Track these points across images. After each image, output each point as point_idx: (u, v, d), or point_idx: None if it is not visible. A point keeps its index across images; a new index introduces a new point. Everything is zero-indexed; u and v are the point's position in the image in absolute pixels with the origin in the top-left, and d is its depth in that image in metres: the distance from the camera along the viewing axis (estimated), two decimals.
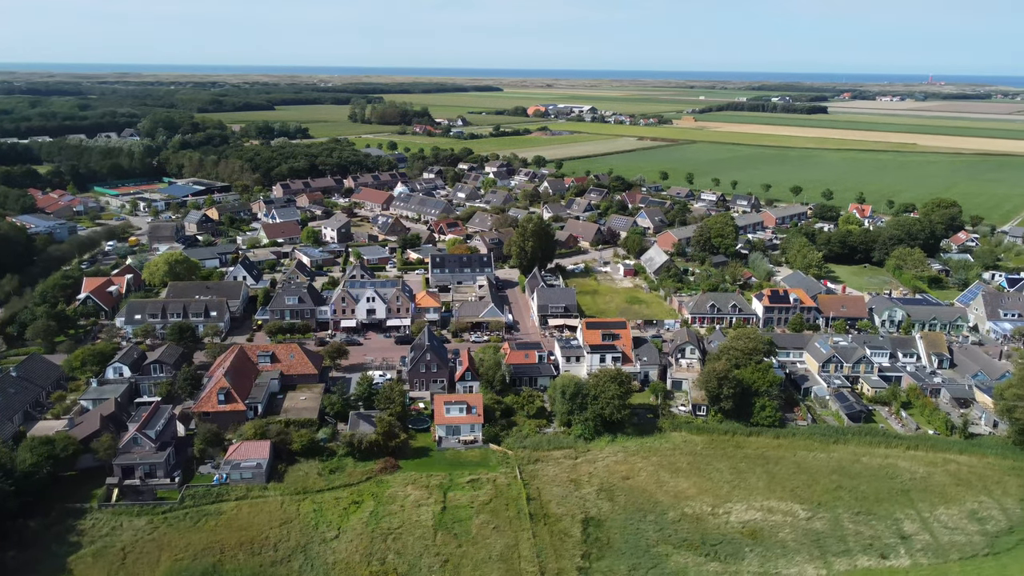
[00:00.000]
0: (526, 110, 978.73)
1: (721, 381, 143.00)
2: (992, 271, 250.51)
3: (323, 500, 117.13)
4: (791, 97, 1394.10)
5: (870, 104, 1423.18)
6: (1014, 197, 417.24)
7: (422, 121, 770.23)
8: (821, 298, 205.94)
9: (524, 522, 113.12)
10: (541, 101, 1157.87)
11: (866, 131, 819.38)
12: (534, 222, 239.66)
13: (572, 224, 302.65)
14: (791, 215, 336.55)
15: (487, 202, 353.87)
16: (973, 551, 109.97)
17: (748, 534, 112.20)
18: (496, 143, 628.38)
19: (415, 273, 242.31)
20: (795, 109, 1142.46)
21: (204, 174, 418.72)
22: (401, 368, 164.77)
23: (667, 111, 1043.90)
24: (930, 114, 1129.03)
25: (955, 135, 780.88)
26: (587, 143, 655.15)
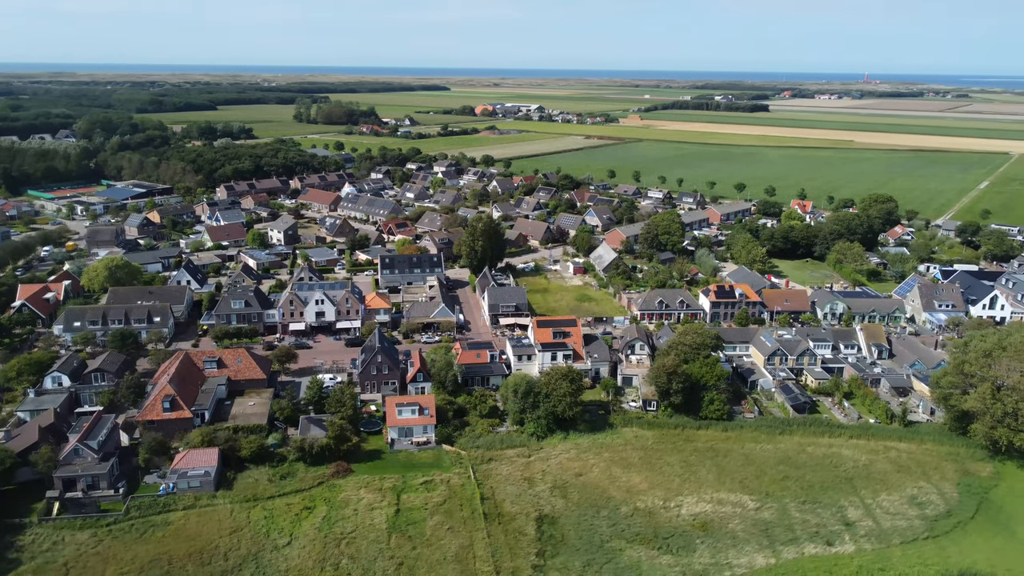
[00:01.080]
0: (474, 109, 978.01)
1: (670, 376, 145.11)
2: (927, 263, 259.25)
3: (274, 507, 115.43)
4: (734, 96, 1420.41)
5: (809, 102, 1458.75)
6: (946, 192, 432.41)
7: (369, 121, 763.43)
8: (766, 292, 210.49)
9: (478, 522, 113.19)
10: (489, 100, 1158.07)
11: (806, 129, 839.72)
12: (484, 221, 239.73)
13: (522, 223, 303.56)
14: (735, 212, 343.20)
15: (436, 202, 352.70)
16: (914, 535, 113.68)
17: (699, 526, 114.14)
18: (444, 143, 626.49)
19: (364, 274, 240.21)
20: (738, 107, 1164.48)
21: (144, 176, 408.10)
22: (352, 371, 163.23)
23: (613, 110, 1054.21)
24: (866, 112, 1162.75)
25: (890, 132, 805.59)
26: (535, 142, 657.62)
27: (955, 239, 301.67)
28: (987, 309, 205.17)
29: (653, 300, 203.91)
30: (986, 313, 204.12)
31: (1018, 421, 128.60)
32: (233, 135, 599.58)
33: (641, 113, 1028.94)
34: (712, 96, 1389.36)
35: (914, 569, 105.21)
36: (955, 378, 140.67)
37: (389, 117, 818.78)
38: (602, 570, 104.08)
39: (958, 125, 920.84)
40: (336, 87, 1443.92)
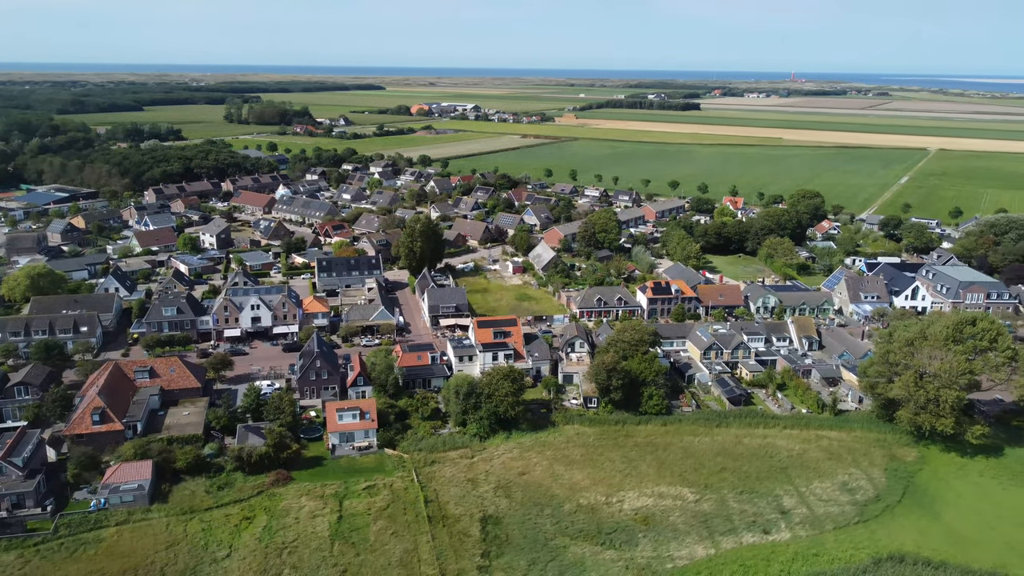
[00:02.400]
0: (409, 109, 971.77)
1: (610, 373, 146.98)
2: (853, 257, 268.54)
3: (212, 518, 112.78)
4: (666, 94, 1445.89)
5: (739, 100, 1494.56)
6: (869, 187, 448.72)
7: (303, 121, 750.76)
8: (701, 288, 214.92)
9: (423, 525, 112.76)
10: (424, 100, 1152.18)
11: (736, 126, 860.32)
12: (422, 222, 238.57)
13: (460, 223, 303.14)
14: (670, 209, 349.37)
15: (373, 203, 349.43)
16: (846, 520, 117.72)
17: (641, 520, 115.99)
18: (380, 143, 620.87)
19: (301, 278, 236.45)
20: (670, 106, 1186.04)
21: (67, 180, 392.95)
22: (290, 376, 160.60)
23: (549, 109, 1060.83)
24: (793, 110, 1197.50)
25: (816, 129, 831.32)
26: (472, 141, 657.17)
27: (878, 232, 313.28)
28: (909, 300, 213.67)
29: (592, 298, 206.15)
30: (908, 303, 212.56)
31: (940, 407, 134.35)
32: (161, 136, 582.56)
33: (576, 112, 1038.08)
34: (645, 95, 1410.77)
35: (846, 553, 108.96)
36: (881, 367, 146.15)
37: (323, 117, 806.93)
38: (547, 568, 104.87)
39: (879, 122, 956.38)
40: (268, 86, 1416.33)
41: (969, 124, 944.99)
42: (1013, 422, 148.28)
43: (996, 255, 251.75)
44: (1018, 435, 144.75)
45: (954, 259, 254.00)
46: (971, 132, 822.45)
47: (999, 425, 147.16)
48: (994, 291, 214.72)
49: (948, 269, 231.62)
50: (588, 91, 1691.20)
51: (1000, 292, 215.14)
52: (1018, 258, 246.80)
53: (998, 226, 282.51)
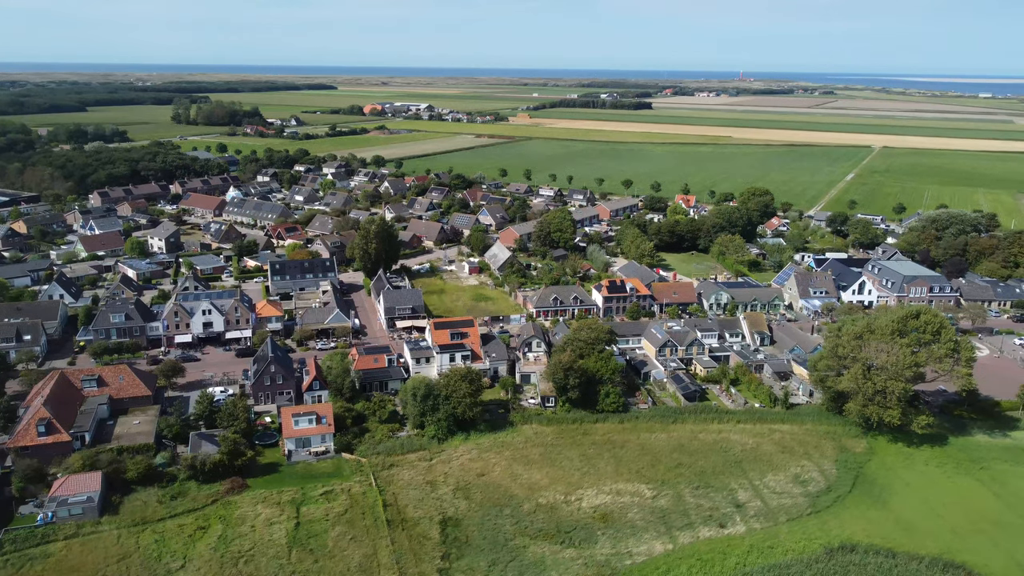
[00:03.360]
0: (362, 109, 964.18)
1: (567, 372, 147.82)
2: (802, 253, 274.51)
3: (165, 529, 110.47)
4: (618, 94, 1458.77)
5: (690, 100, 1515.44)
6: (817, 184, 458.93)
7: (253, 121, 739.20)
8: (655, 286, 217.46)
9: (382, 529, 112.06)
10: (377, 99, 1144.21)
11: (687, 125, 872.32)
12: (377, 223, 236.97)
13: (415, 224, 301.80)
14: (624, 207, 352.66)
15: (327, 204, 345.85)
16: (799, 512, 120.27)
17: (600, 518, 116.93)
18: (333, 143, 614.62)
19: (254, 281, 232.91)
20: (623, 105, 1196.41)
21: (7, 183, 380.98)
22: (244, 382, 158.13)
23: (503, 108, 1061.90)
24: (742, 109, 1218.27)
25: (765, 128, 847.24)
26: (426, 141, 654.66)
27: (826, 229, 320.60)
28: (856, 294, 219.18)
29: (548, 297, 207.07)
30: (856, 298, 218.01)
31: (887, 399, 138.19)
32: (106, 138, 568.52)
33: (530, 111, 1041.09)
34: (598, 94, 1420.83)
35: (799, 544, 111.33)
36: (830, 361, 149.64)
37: (274, 117, 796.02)
38: (507, 569, 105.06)
39: (825, 120, 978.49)
40: (217, 86, 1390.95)
41: (911, 122, 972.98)
42: (956, 412, 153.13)
43: (938, 250, 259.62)
44: (961, 424, 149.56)
45: (898, 254, 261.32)
46: (913, 130, 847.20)
47: (943, 415, 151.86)
48: (936, 285, 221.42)
49: (893, 264, 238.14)
50: (541, 90, 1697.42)
51: (942, 286, 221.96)
52: (958, 252, 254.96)
53: (939, 221, 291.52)
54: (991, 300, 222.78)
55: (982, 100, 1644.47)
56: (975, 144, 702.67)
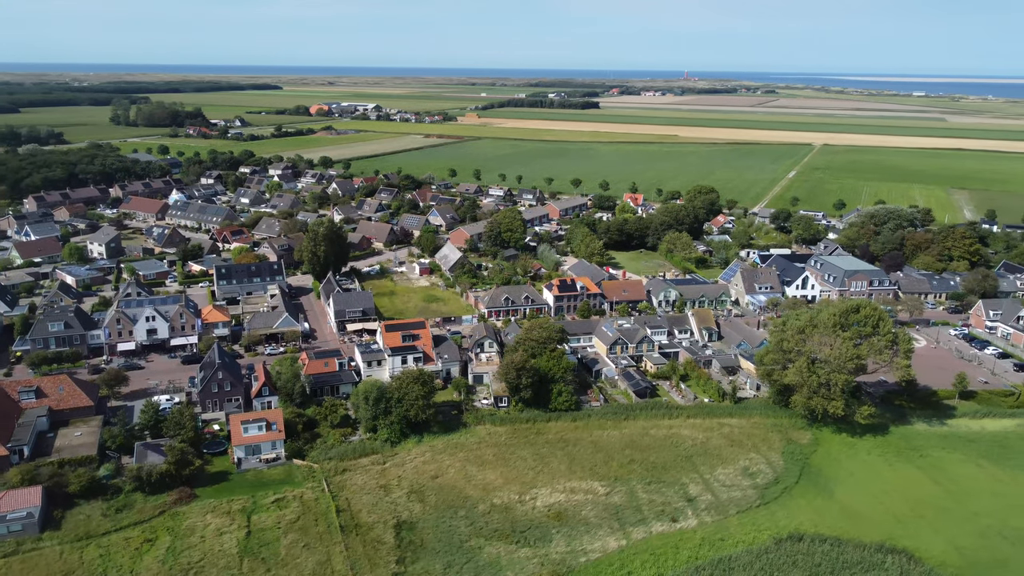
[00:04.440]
0: (308, 109, 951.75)
1: (519, 372, 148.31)
2: (747, 249, 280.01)
3: (110, 543, 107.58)
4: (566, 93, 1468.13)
5: (636, 99, 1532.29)
6: (761, 182, 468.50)
7: (196, 122, 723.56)
8: (605, 284, 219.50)
9: (335, 535, 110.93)
10: (324, 99, 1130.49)
11: (634, 124, 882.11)
12: (325, 225, 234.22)
13: (364, 225, 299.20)
14: (573, 206, 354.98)
15: (273, 207, 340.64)
16: (748, 504, 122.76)
17: (554, 516, 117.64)
18: (279, 144, 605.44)
19: (199, 286, 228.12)
20: (571, 104, 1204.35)
21: None
22: (191, 390, 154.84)
23: (451, 108, 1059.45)
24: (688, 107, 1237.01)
25: (710, 126, 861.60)
26: (374, 142, 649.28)
27: (770, 225, 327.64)
28: (800, 289, 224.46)
29: (499, 297, 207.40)
30: (799, 293, 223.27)
31: (831, 391, 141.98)
32: (41, 140, 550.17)
33: (479, 111, 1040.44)
34: (546, 94, 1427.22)
35: (749, 536, 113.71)
36: (776, 355, 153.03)
37: (218, 118, 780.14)
38: (462, 570, 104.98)
39: (767, 119, 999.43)
40: (157, 86, 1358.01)
41: (849, 120, 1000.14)
42: (896, 402, 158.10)
43: (876, 244, 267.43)
44: (901, 414, 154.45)
45: (839, 249, 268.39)
46: (851, 128, 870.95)
47: (884, 405, 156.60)
48: (876, 278, 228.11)
49: (834, 259, 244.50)
50: (489, 90, 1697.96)
51: (881, 279, 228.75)
52: (896, 247, 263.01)
53: (878, 217, 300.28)
54: (927, 293, 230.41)
55: (916, 98, 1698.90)
56: (910, 141, 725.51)
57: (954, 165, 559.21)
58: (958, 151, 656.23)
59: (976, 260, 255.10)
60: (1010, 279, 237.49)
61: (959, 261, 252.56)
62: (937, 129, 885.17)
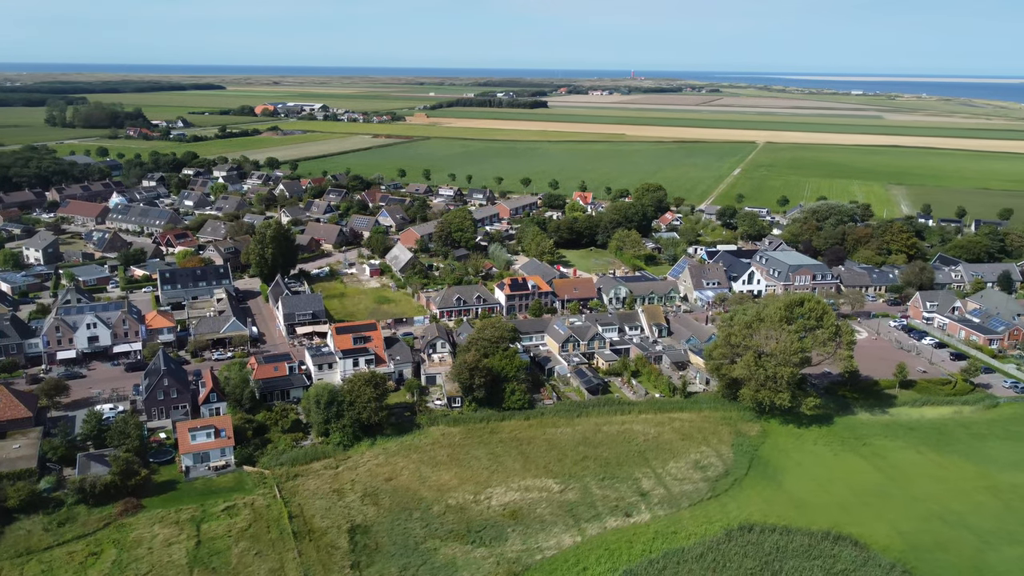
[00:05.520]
0: (253, 109, 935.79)
1: (472, 372, 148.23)
2: (695, 246, 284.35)
3: (53, 558, 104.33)
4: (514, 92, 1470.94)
5: (584, 98, 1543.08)
6: (707, 179, 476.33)
7: (136, 123, 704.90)
8: (556, 282, 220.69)
9: (288, 542, 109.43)
10: (269, 99, 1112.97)
11: (582, 123, 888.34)
12: (272, 227, 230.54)
13: (313, 227, 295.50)
14: (523, 206, 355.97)
15: (219, 209, 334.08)
16: (699, 497, 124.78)
17: (509, 515, 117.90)
18: (223, 145, 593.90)
19: (143, 291, 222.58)
20: (519, 104, 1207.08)
21: None
22: (135, 398, 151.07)
23: (400, 108, 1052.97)
24: (635, 106, 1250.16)
25: (656, 125, 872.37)
26: (322, 142, 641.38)
27: (716, 222, 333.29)
28: (746, 284, 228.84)
29: (451, 297, 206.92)
30: (746, 288, 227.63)
31: (777, 383, 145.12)
32: None
33: (427, 111, 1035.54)
34: (495, 93, 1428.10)
35: (701, 528, 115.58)
36: (724, 349, 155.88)
37: (159, 119, 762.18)
38: (418, 572, 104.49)
39: (712, 118, 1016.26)
40: (95, 87, 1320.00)
41: (791, 118, 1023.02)
42: (840, 392, 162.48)
43: (819, 239, 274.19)
44: (845, 404, 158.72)
45: (783, 244, 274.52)
46: (793, 126, 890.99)
47: (828, 396, 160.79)
48: (819, 273, 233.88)
49: (778, 254, 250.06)
50: (438, 89, 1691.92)
51: (824, 273, 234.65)
52: (837, 241, 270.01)
53: (819, 212, 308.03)
54: (868, 286, 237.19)
55: (854, 97, 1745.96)
56: (850, 138, 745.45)
57: (891, 161, 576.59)
58: (895, 148, 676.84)
59: (913, 253, 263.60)
60: (945, 271, 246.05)
61: (897, 255, 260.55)
62: (875, 126, 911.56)
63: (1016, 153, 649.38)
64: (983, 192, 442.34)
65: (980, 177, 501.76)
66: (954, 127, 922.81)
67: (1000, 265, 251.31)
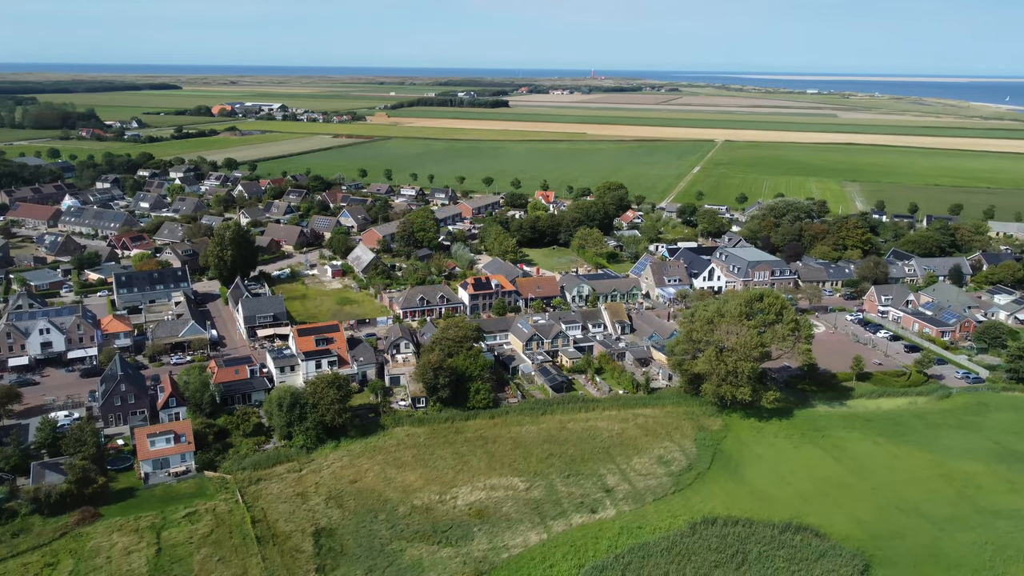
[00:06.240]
0: (210, 109, 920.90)
1: (436, 372, 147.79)
2: (656, 243, 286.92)
3: (7, 570, 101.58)
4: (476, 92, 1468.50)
5: (545, 98, 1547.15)
6: (667, 177, 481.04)
7: (89, 124, 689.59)
8: (519, 281, 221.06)
9: (251, 547, 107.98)
10: (226, 99, 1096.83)
11: (544, 123, 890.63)
12: (231, 229, 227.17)
13: (273, 228, 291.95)
14: (486, 205, 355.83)
15: (176, 211, 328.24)
16: (664, 492, 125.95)
17: (475, 514, 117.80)
18: (180, 146, 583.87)
19: (98, 295, 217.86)
20: (480, 103, 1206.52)
21: None
22: (91, 404, 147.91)
23: (360, 108, 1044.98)
24: (595, 106, 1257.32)
25: (617, 124, 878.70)
26: (281, 142, 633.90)
27: (677, 220, 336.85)
28: (707, 281, 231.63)
29: (414, 297, 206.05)
30: (706, 284, 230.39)
31: (738, 378, 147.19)
32: None
33: (388, 111, 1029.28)
34: (456, 92, 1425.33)
35: (666, 522, 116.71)
36: (686, 345, 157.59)
37: (113, 119, 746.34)
38: (385, 574, 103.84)
39: (672, 116, 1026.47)
40: (45, 87, 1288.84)
41: (749, 117, 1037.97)
42: (799, 386, 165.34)
43: (777, 235, 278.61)
44: (804, 397, 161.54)
45: (742, 241, 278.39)
46: (751, 124, 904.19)
47: (788, 389, 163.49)
48: (777, 268, 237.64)
49: (738, 251, 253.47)
50: (399, 89, 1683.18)
51: (782, 269, 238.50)
52: (795, 237, 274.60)
53: (777, 209, 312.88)
54: (824, 281, 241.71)
55: (809, 96, 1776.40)
56: (806, 137, 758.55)
57: (846, 159, 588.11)
58: (849, 145, 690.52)
59: (868, 248, 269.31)
60: (899, 266, 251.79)
61: (853, 250, 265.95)
62: (830, 125, 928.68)
63: (966, 150, 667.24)
64: (934, 188, 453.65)
65: (931, 174, 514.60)
66: (906, 125, 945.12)
67: (951, 259, 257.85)
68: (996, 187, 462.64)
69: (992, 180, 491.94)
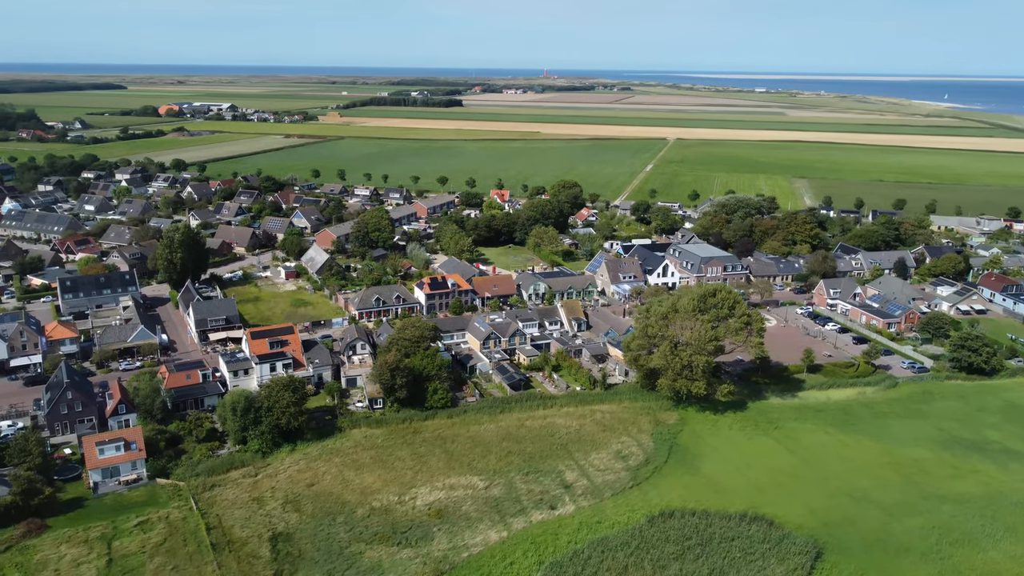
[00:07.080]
0: (157, 109, 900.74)
1: (393, 372, 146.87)
2: (611, 240, 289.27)
3: None
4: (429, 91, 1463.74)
5: (498, 96, 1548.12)
6: (620, 175, 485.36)
7: (29, 125, 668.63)
8: (476, 280, 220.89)
9: (207, 555, 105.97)
10: (174, 99, 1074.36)
11: (498, 122, 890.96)
12: (181, 231, 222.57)
13: (224, 230, 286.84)
14: (441, 204, 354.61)
15: (123, 213, 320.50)
16: (622, 486, 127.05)
17: (434, 514, 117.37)
18: (126, 147, 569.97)
19: (41, 301, 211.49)
20: (434, 103, 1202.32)
21: None
22: (36, 413, 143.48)
23: (312, 107, 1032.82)
24: (548, 105, 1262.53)
25: (570, 123, 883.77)
26: (231, 143, 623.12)
27: (631, 217, 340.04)
28: (661, 277, 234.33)
29: (370, 298, 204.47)
30: (661, 280, 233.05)
31: (693, 372, 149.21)
32: None
33: (340, 110, 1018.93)
34: (409, 92, 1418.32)
35: (624, 516, 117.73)
36: (641, 340, 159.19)
37: (55, 120, 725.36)
38: None
39: (624, 115, 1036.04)
40: None
41: (700, 115, 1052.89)
42: (752, 378, 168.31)
43: (729, 231, 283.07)
44: (757, 390, 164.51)
45: (695, 237, 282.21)
46: (701, 122, 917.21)
47: (741, 383, 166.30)
48: (729, 264, 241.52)
49: (691, 247, 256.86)
50: (351, 89, 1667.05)
51: (734, 264, 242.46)
52: (746, 233, 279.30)
53: (728, 206, 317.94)
54: (775, 275, 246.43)
55: (758, 94, 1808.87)
56: (755, 134, 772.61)
57: (794, 156, 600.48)
58: (797, 143, 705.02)
59: (816, 243, 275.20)
60: (846, 259, 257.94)
61: (802, 245, 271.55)
62: (778, 123, 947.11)
63: (908, 147, 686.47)
64: (879, 184, 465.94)
65: (876, 170, 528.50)
66: (851, 123, 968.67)
67: (896, 252, 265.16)
68: (937, 182, 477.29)
69: (933, 176, 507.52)
